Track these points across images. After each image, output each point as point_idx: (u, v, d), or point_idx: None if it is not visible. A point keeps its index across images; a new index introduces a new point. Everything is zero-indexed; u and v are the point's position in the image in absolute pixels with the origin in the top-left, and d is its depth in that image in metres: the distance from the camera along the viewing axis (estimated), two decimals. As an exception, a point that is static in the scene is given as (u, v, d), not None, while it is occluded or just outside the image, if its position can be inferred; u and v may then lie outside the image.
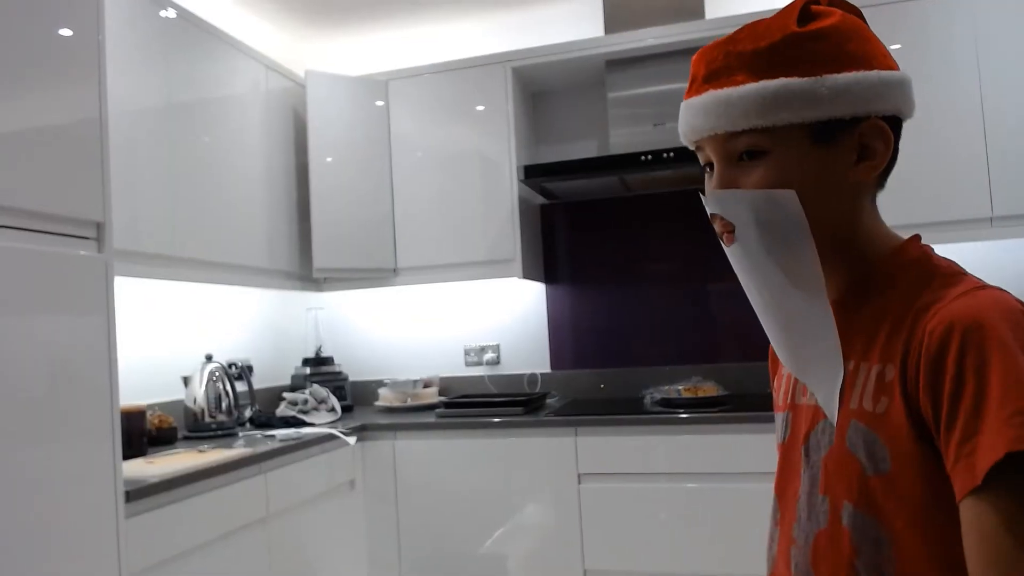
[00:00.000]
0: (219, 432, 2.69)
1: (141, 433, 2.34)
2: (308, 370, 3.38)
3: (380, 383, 3.47)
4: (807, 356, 0.79)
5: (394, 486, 2.89)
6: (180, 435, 2.66)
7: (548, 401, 3.23)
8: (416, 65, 3.33)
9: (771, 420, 1.00)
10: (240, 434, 2.72)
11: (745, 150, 0.75)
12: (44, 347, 1.59)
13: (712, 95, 0.75)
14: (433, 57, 3.48)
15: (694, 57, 0.80)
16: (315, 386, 3.17)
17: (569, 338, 3.40)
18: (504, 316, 3.47)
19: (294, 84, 3.20)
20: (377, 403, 3.34)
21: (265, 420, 2.90)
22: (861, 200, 0.78)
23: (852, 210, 0.77)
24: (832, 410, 0.77)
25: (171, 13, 2.49)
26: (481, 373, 3.48)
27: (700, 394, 2.77)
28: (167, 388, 2.73)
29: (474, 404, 2.99)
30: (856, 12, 0.79)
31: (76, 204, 1.73)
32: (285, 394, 3.10)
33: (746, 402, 2.78)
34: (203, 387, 2.71)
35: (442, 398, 3.31)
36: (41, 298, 1.60)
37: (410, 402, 3.25)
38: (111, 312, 1.78)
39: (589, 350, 3.37)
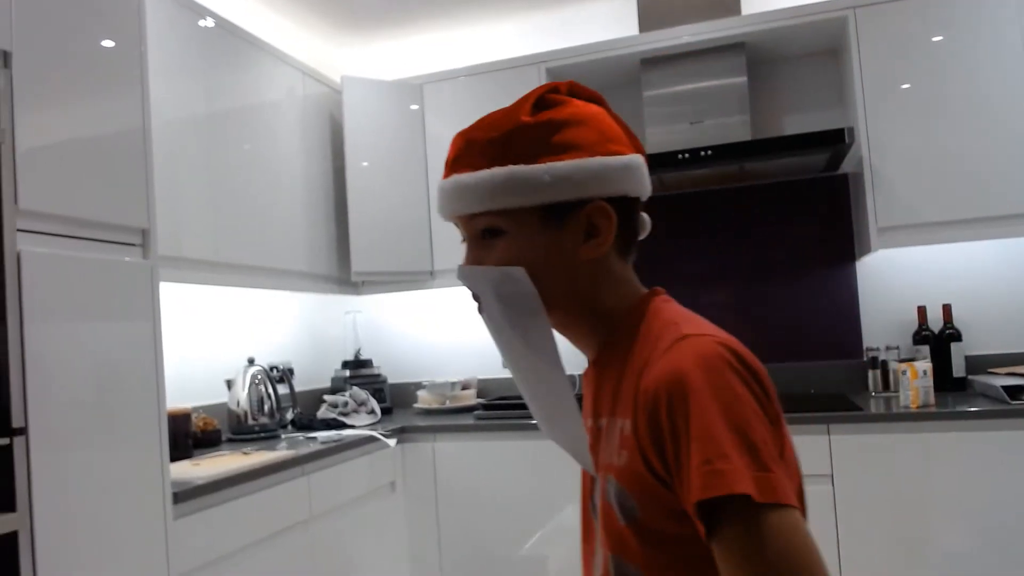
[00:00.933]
0: (262, 434, 2.73)
1: (187, 435, 2.38)
2: (347, 373, 3.41)
3: (419, 385, 3.49)
4: (553, 418, 0.84)
5: (434, 488, 2.90)
6: (224, 437, 2.70)
7: (587, 402, 3.21)
8: (450, 68, 3.34)
9: (815, 421, 0.98)
10: (282, 436, 2.75)
11: (484, 229, 0.82)
12: (92, 351, 1.63)
13: (454, 179, 0.82)
14: (467, 60, 3.50)
15: (452, 138, 0.86)
16: (355, 388, 3.19)
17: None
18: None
19: (330, 90, 3.23)
20: (416, 405, 3.36)
21: (306, 422, 2.93)
22: (602, 269, 0.82)
23: (592, 280, 0.82)
24: (588, 466, 0.83)
25: (209, 23, 2.53)
26: (519, 375, 3.47)
27: (742, 394, 2.73)
28: (211, 391, 2.78)
29: (513, 406, 2.99)
30: (596, 99, 0.87)
31: (122, 211, 1.77)
32: (325, 396, 3.13)
33: (789, 402, 2.74)
34: (246, 390, 2.75)
35: (480, 400, 3.31)
36: (89, 304, 1.64)
37: (448, 404, 3.26)
38: (157, 317, 1.82)
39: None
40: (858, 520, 2.43)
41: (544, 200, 0.78)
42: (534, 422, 2.81)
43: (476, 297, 0.83)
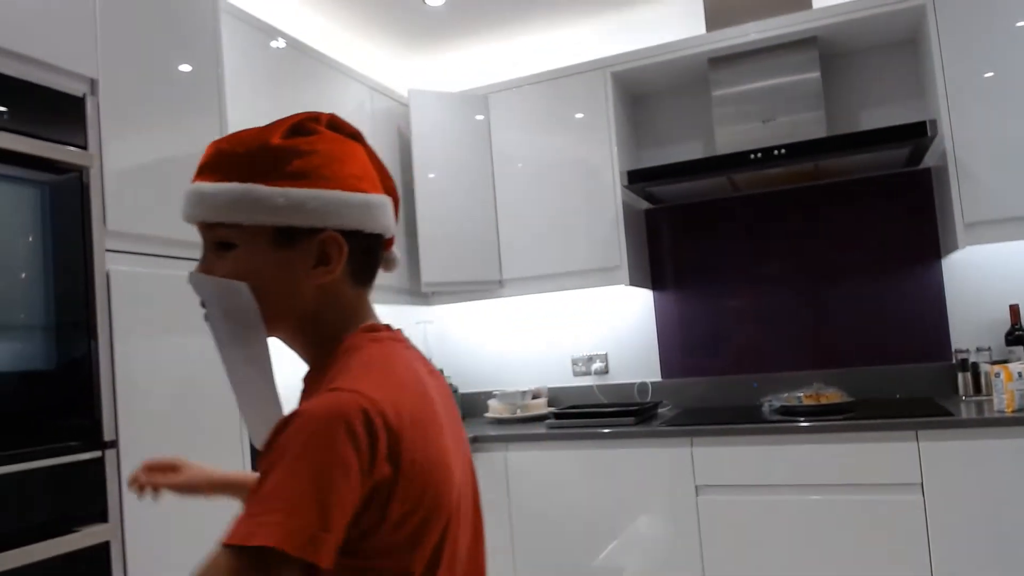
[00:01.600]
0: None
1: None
2: (419, 383, 3.43)
3: (489, 394, 3.49)
4: (260, 424, 0.86)
5: (507, 497, 2.89)
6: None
7: (660, 411, 3.16)
8: (515, 77, 3.35)
9: (902, 428, 0.93)
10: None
11: (217, 241, 0.83)
12: (178, 365, 1.68)
13: (196, 187, 0.83)
14: (531, 68, 3.50)
15: (207, 145, 0.88)
16: (426, 398, 3.21)
17: (679, 345, 3.32)
18: (611, 325, 3.42)
19: (397, 104, 3.28)
20: (487, 414, 3.37)
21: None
22: (329, 296, 0.85)
23: (317, 305, 0.84)
24: None
25: (281, 43, 2.60)
26: (590, 383, 3.44)
27: (823, 401, 2.64)
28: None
29: (584, 415, 2.96)
30: (355, 135, 0.89)
31: (202, 230, 1.82)
32: (398, 407, 3.16)
33: (874, 408, 2.63)
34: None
35: (551, 409, 3.29)
36: (174, 319, 1.69)
37: (519, 413, 3.25)
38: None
39: (701, 357, 3.28)
40: (951, 531, 2.31)
41: (276, 222, 0.80)
42: (607, 431, 2.78)
43: (203, 304, 0.86)
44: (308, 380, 0.89)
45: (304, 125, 0.85)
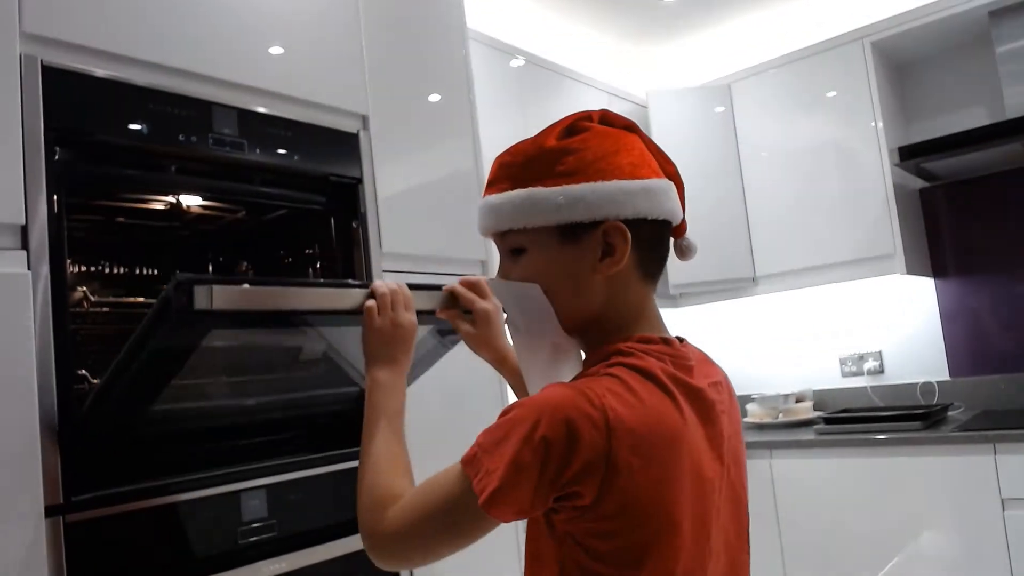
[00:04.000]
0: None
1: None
2: (672, 387, 3.36)
3: (747, 398, 3.33)
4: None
5: (774, 507, 2.72)
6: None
7: (951, 413, 2.80)
8: (758, 63, 3.17)
9: None
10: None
11: (511, 248, 0.88)
12: (442, 375, 1.78)
13: (486, 200, 0.89)
14: (774, 50, 3.29)
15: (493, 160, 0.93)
16: (681, 403, 3.13)
17: (970, 339, 2.92)
18: (885, 319, 3.10)
19: (636, 106, 3.25)
20: (745, 420, 3.21)
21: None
22: (618, 288, 0.86)
23: (606, 297, 0.86)
24: None
25: (520, 61, 2.69)
26: (862, 384, 3.15)
27: None
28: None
29: (860, 419, 2.71)
30: (629, 126, 0.90)
31: (463, 246, 1.93)
32: (652, 411, 3.12)
33: None
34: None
35: (818, 413, 3.06)
36: (442, 332, 1.80)
37: (782, 418, 3.06)
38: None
39: (997, 352, 2.86)
40: None
41: (560, 220, 0.83)
42: (887, 437, 2.51)
43: (504, 308, 0.92)
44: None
45: (577, 125, 0.87)
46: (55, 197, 1.22)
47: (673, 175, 0.90)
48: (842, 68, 2.89)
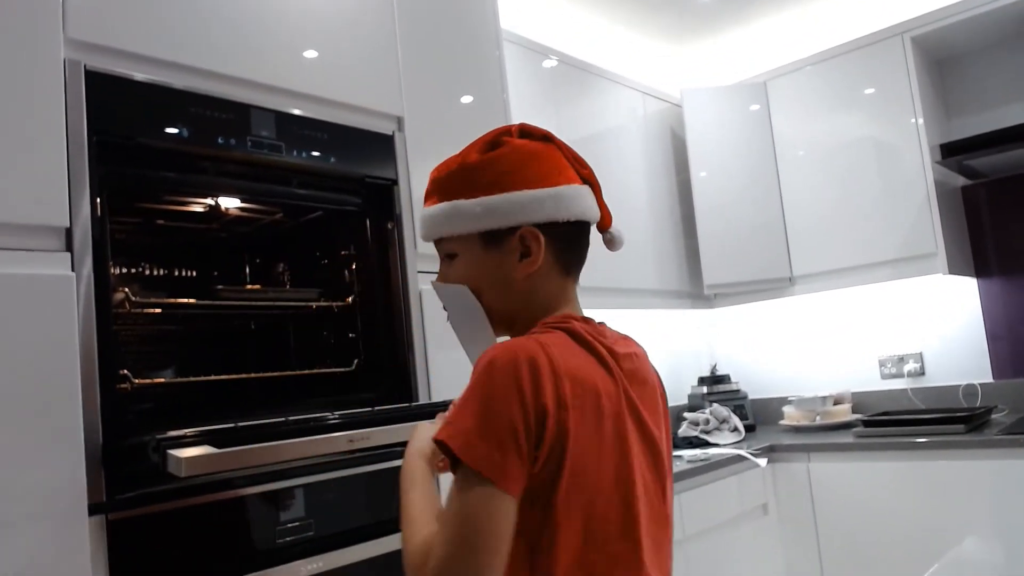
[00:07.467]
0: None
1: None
2: (705, 389, 3.32)
3: (784, 400, 3.28)
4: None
5: (812, 512, 2.67)
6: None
7: (994, 416, 2.73)
8: (794, 60, 3.12)
9: None
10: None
11: (445, 253, 1.00)
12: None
13: (423, 211, 1.00)
14: (811, 47, 3.24)
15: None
16: (715, 405, 3.10)
17: (1015, 340, 2.84)
18: (926, 319, 3.04)
19: (670, 105, 3.22)
20: (782, 422, 3.16)
21: (670, 440, 2.91)
22: (538, 285, 0.96)
23: (528, 291, 0.96)
24: None
25: (553, 61, 2.68)
26: (902, 386, 3.08)
27: None
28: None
29: (901, 422, 2.65)
30: (545, 137, 1.00)
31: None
32: (686, 414, 3.09)
33: None
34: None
35: (857, 415, 3.00)
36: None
37: (819, 420, 3.01)
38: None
39: (1045, 354, 2.78)
40: None
41: (480, 228, 0.94)
42: (929, 440, 2.46)
43: (444, 308, 1.01)
44: None
45: (497, 140, 0.98)
46: (98, 200, 1.24)
47: (588, 177, 1.00)
48: (881, 64, 2.84)
